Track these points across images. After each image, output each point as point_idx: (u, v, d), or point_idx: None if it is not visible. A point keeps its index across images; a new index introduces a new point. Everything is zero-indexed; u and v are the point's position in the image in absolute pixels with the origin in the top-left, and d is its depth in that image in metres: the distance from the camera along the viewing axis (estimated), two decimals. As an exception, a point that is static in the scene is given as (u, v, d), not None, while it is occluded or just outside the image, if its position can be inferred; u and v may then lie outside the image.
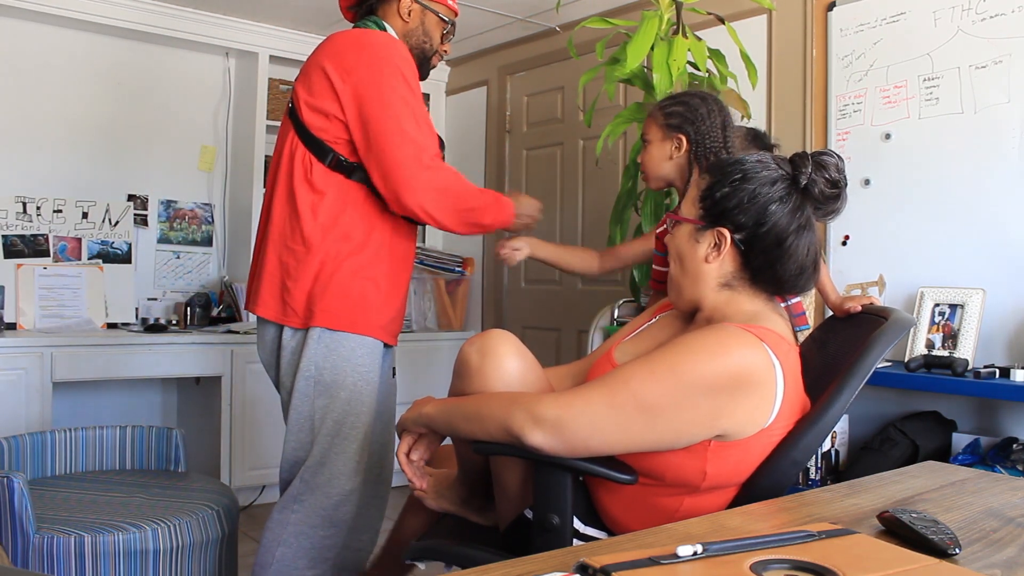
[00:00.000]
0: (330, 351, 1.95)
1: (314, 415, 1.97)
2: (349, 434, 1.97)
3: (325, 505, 1.95)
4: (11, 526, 2.02)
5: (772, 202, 1.32)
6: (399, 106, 1.90)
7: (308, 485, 1.95)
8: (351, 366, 1.97)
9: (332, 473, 1.96)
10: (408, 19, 2.09)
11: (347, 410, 1.96)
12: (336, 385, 1.96)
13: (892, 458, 2.53)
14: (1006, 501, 1.17)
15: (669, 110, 2.04)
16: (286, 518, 1.96)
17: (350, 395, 1.96)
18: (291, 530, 1.95)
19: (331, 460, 1.95)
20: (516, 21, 4.02)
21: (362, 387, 1.98)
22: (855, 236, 2.95)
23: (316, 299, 1.95)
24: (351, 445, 1.97)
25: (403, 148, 1.88)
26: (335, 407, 1.96)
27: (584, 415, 1.23)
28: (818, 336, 1.68)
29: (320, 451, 1.96)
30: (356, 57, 1.93)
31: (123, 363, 3.41)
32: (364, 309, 1.98)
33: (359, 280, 1.97)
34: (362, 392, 1.98)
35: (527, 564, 0.85)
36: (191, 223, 4.12)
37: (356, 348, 1.97)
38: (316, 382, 1.96)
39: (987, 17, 2.64)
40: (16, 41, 3.65)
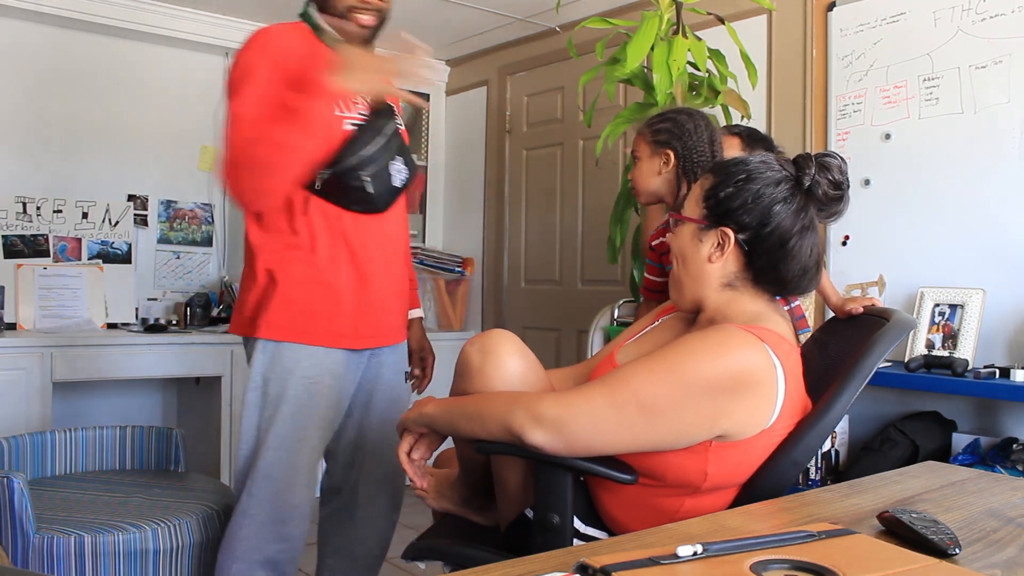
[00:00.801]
0: (275, 362, 1.90)
1: (260, 425, 1.91)
2: (294, 447, 1.90)
3: (273, 519, 1.90)
4: (11, 526, 2.02)
5: (776, 203, 1.33)
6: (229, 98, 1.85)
7: (254, 499, 1.90)
8: (295, 377, 1.89)
9: (278, 487, 1.90)
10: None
11: (292, 423, 1.90)
12: (282, 396, 1.89)
13: (892, 458, 2.53)
14: (1006, 501, 1.17)
15: (656, 127, 2.07)
16: (236, 532, 1.90)
17: (293, 408, 1.89)
18: (243, 545, 1.89)
19: (276, 474, 1.90)
20: (516, 21, 4.02)
21: (305, 399, 1.90)
22: (855, 236, 2.95)
23: (261, 309, 1.90)
24: (298, 459, 1.91)
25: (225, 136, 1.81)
26: (280, 420, 1.89)
27: (585, 415, 1.23)
28: (819, 337, 1.68)
29: (265, 464, 1.89)
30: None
31: (123, 363, 3.41)
32: (311, 317, 1.90)
33: (306, 287, 1.90)
34: (306, 404, 1.90)
35: (527, 564, 0.85)
36: (191, 223, 4.12)
37: (301, 359, 1.90)
38: (263, 393, 1.91)
39: (987, 17, 2.64)
40: (16, 41, 3.65)
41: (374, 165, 1.89)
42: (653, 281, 2.20)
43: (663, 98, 2.61)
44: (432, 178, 4.76)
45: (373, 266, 1.96)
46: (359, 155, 1.86)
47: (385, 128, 1.93)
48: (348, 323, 1.94)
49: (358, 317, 1.95)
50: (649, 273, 2.21)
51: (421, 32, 4.69)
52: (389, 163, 1.93)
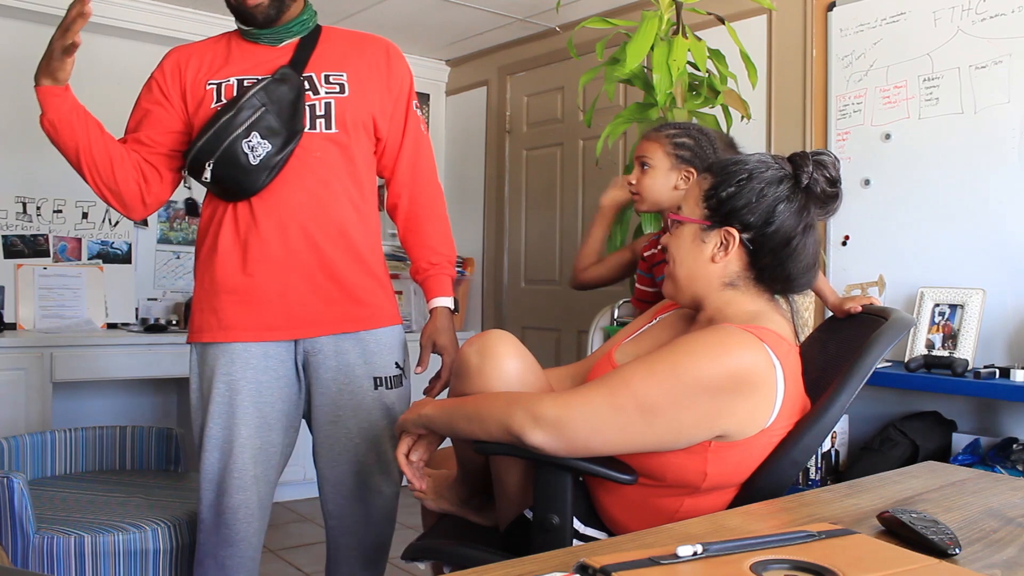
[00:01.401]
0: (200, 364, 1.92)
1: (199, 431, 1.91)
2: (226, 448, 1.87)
3: (218, 523, 1.88)
4: (11, 526, 2.02)
5: (780, 201, 1.33)
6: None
7: (203, 503, 1.90)
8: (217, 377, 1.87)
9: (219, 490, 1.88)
10: None
11: (220, 424, 1.87)
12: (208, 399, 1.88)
13: (892, 458, 2.53)
14: (1006, 501, 1.17)
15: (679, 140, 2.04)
16: (197, 538, 1.93)
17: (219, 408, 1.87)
18: (201, 550, 1.91)
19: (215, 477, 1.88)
20: (516, 21, 4.02)
21: (228, 398, 1.86)
22: (855, 236, 2.95)
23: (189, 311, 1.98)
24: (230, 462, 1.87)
25: None
26: (210, 423, 1.88)
27: (584, 415, 1.23)
28: (818, 336, 1.68)
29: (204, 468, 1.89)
30: None
31: (123, 363, 3.41)
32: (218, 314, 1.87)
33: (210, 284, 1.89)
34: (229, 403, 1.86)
35: (527, 564, 0.86)
36: (191, 223, 4.12)
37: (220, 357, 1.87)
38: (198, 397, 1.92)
39: (987, 17, 2.64)
40: (17, 41, 3.65)
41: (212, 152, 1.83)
42: (643, 291, 2.20)
43: (663, 98, 2.61)
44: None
45: (276, 251, 1.85)
46: (195, 145, 1.85)
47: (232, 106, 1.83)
48: (256, 315, 1.86)
49: (266, 308, 1.86)
50: (639, 283, 2.22)
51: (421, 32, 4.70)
52: (240, 142, 1.81)
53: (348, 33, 2.04)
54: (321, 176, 1.88)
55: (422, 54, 4.58)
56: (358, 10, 3.84)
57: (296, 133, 1.85)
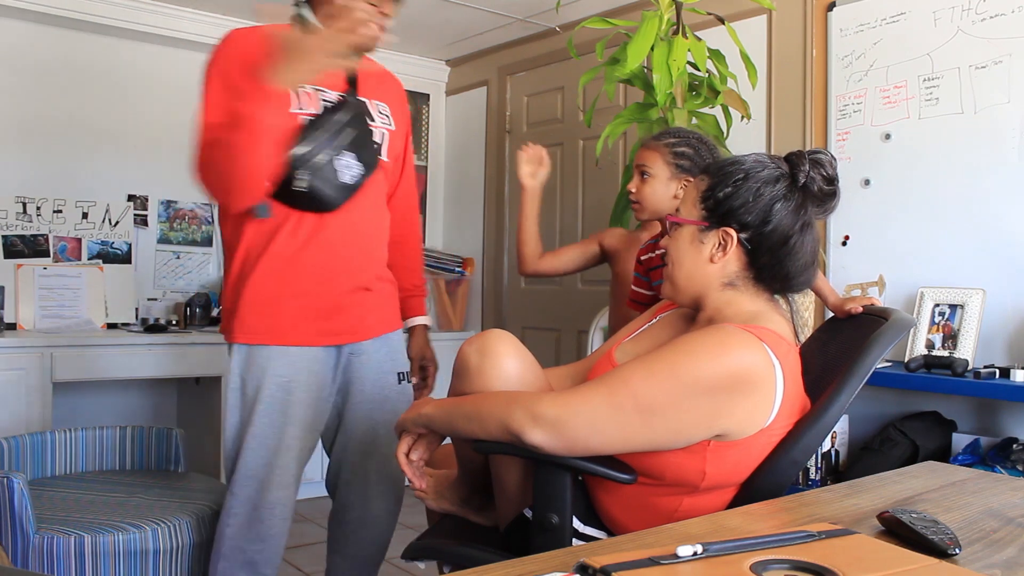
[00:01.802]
0: (249, 363, 1.91)
1: (240, 427, 1.93)
2: (272, 446, 1.91)
3: (253, 518, 1.92)
4: (11, 526, 2.02)
5: (776, 200, 1.33)
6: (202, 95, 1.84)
7: (237, 498, 1.92)
8: (269, 377, 1.90)
9: (258, 486, 1.91)
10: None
11: (268, 422, 1.91)
12: (257, 398, 1.90)
13: (892, 458, 2.53)
14: (1006, 501, 1.17)
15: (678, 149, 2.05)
16: (222, 532, 1.93)
17: (269, 408, 1.91)
18: (228, 544, 1.92)
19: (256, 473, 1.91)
20: (516, 21, 4.02)
21: (281, 398, 1.91)
22: (855, 236, 2.95)
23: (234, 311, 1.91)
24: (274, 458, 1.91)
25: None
26: (257, 420, 1.90)
27: (583, 414, 1.23)
28: (818, 336, 1.68)
29: (244, 464, 1.91)
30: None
31: (123, 363, 3.41)
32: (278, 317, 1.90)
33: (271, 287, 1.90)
34: (282, 403, 1.91)
35: (527, 564, 0.86)
36: (191, 223, 4.12)
37: (274, 358, 1.91)
38: (241, 395, 1.93)
39: (987, 17, 2.64)
40: (16, 41, 3.66)
41: (310, 163, 1.84)
42: (639, 293, 2.21)
43: (663, 98, 2.61)
44: (432, 178, 4.77)
45: (338, 263, 1.94)
46: (292, 154, 1.82)
47: (335, 121, 1.88)
48: (316, 321, 1.93)
49: (326, 314, 1.94)
50: (636, 285, 2.22)
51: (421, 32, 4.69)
52: (334, 159, 1.87)
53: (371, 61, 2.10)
54: (377, 198, 2.04)
55: (422, 54, 4.58)
56: (358, 10, 3.83)
57: (376, 160, 1.99)
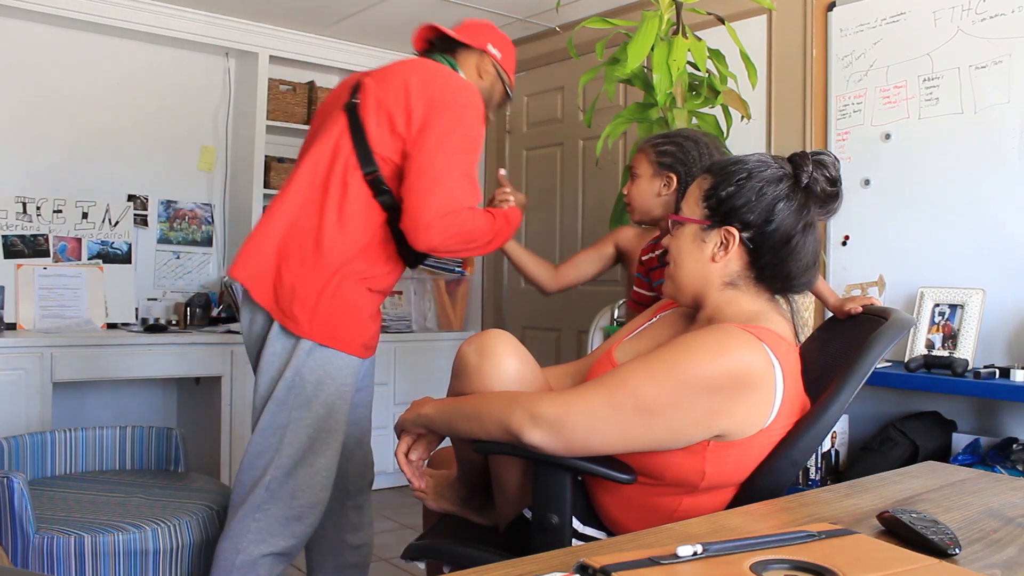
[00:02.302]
0: (317, 365, 1.94)
1: (288, 424, 1.94)
2: (320, 448, 1.96)
3: (288, 516, 1.94)
4: (11, 526, 2.02)
5: (779, 200, 1.33)
6: (457, 154, 1.90)
7: (273, 495, 1.93)
8: (334, 382, 1.96)
9: (298, 485, 1.94)
10: (482, 78, 2.13)
11: (321, 425, 1.95)
12: (315, 399, 1.94)
13: (892, 458, 2.53)
14: (1006, 501, 1.17)
15: (661, 148, 2.06)
16: (247, 526, 1.93)
17: (327, 411, 1.95)
18: (251, 538, 1.93)
19: (299, 472, 1.94)
20: (516, 21, 4.02)
21: (339, 404, 1.97)
22: (855, 236, 2.95)
23: (319, 313, 1.93)
24: (319, 459, 1.96)
25: (437, 193, 1.86)
26: (309, 420, 1.94)
27: (583, 414, 1.23)
28: (818, 336, 1.68)
29: (289, 462, 1.94)
30: (444, 92, 1.94)
31: (123, 363, 3.41)
32: (356, 327, 1.98)
33: (358, 299, 1.97)
34: (338, 409, 1.97)
35: (527, 564, 0.85)
36: (191, 223, 4.12)
37: (343, 366, 1.96)
38: (297, 393, 1.94)
39: (987, 17, 2.64)
40: (16, 41, 3.66)
41: None
42: (640, 294, 2.21)
43: (663, 98, 2.61)
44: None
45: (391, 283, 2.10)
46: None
47: None
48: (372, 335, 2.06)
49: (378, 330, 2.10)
50: (637, 286, 2.22)
51: (421, 32, 4.61)
52: None
53: None
54: None
55: (422, 54, 4.58)
56: (358, 10, 3.84)
57: None
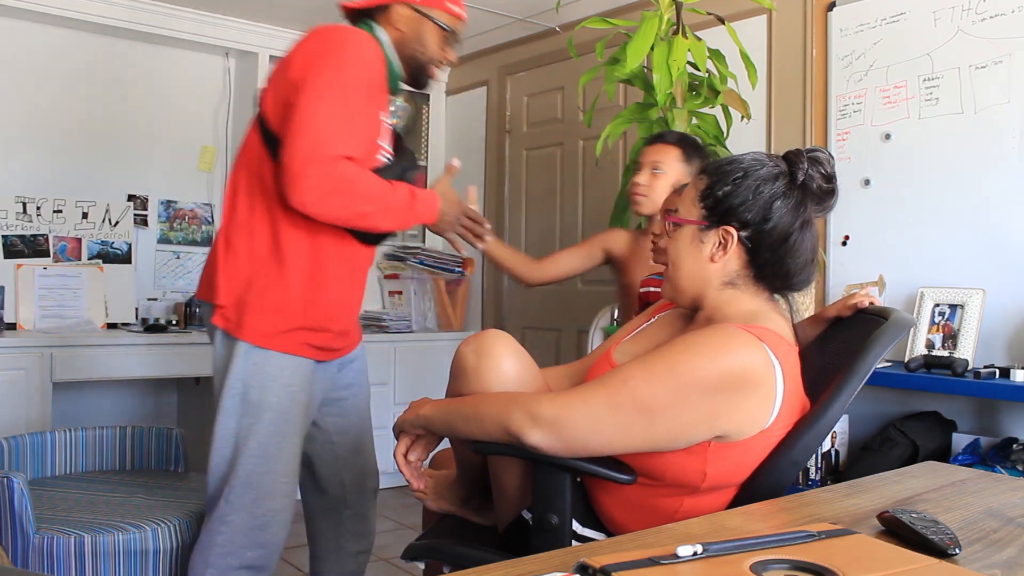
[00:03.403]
0: (258, 369, 1.87)
1: (239, 433, 1.88)
2: (276, 454, 1.89)
3: (252, 525, 1.88)
4: (11, 526, 2.02)
5: (776, 198, 1.33)
6: (327, 98, 1.73)
7: (233, 506, 1.87)
8: (277, 384, 1.88)
9: (259, 493, 1.88)
10: (402, 27, 1.95)
11: (274, 431, 1.88)
12: (262, 404, 1.87)
13: (892, 458, 2.52)
14: (1006, 501, 1.17)
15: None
16: (212, 539, 1.88)
17: (276, 415, 1.88)
18: (218, 551, 1.87)
19: (258, 480, 1.88)
20: (516, 21, 4.02)
21: (290, 406, 1.90)
22: (855, 236, 2.95)
23: (246, 309, 1.86)
24: (277, 465, 1.89)
25: (303, 137, 1.69)
26: (260, 427, 1.87)
27: (583, 415, 1.23)
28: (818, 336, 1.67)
29: (245, 471, 1.87)
30: (319, 43, 1.81)
31: (123, 363, 3.41)
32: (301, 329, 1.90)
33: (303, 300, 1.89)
34: (291, 411, 1.90)
35: (527, 564, 0.85)
36: (191, 223, 4.12)
37: (285, 367, 1.89)
38: (242, 399, 1.88)
39: (987, 17, 2.64)
40: (16, 41, 3.65)
41: None
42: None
43: (663, 98, 2.61)
44: (432, 178, 4.76)
45: (355, 288, 2.04)
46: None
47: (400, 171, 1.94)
48: (331, 339, 1.99)
49: (338, 333, 2.01)
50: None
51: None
52: None
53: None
54: None
55: (422, 54, 4.58)
56: (358, 10, 3.83)
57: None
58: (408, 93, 4.63)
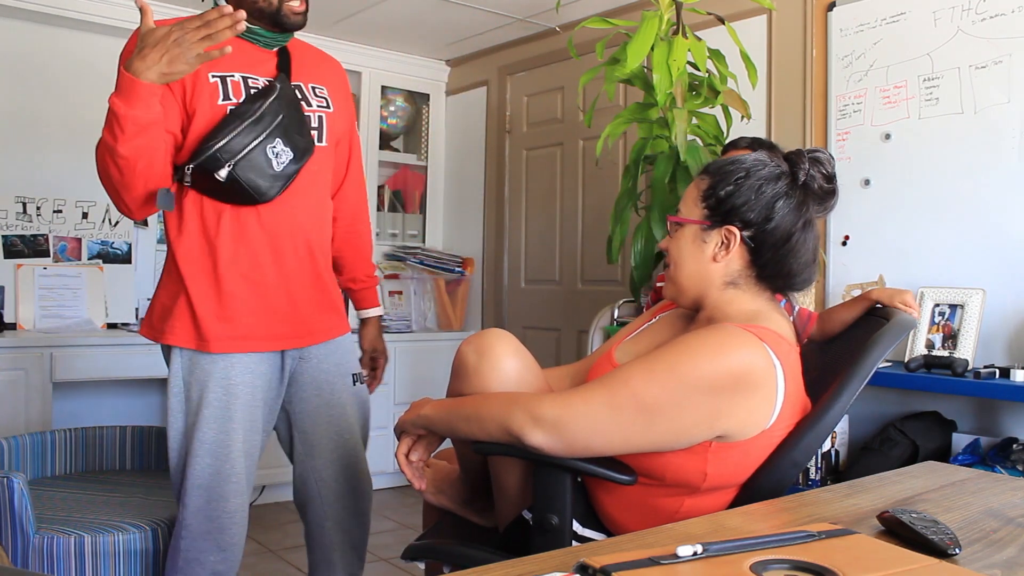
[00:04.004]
0: (192, 367, 1.83)
1: (186, 432, 1.85)
2: (223, 454, 1.84)
3: (210, 529, 1.84)
4: (11, 526, 2.02)
5: (778, 198, 1.33)
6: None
7: (189, 510, 1.84)
8: (214, 381, 1.83)
9: (212, 495, 1.84)
10: None
11: (216, 428, 1.83)
12: (201, 402, 1.83)
13: (892, 458, 2.53)
14: (1006, 501, 1.17)
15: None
16: (176, 545, 1.86)
17: (215, 412, 1.83)
18: (184, 556, 1.84)
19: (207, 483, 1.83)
20: (516, 21, 4.02)
21: (225, 402, 1.83)
22: (855, 236, 2.95)
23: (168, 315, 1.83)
24: (225, 465, 1.84)
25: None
26: (204, 426, 1.83)
27: (584, 415, 1.23)
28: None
29: (194, 473, 1.83)
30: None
31: (123, 363, 3.41)
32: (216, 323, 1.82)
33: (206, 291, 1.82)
34: (226, 408, 1.83)
35: (527, 564, 0.85)
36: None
37: (217, 362, 1.82)
38: (185, 399, 1.85)
39: (987, 17, 2.64)
40: (17, 42, 3.66)
41: (235, 153, 1.73)
42: None
43: (663, 98, 2.61)
44: (432, 178, 4.76)
45: (277, 260, 1.86)
46: (210, 145, 1.72)
47: (258, 109, 1.77)
48: (258, 326, 1.86)
49: (268, 317, 1.86)
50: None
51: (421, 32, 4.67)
52: (266, 147, 1.77)
53: (308, 46, 2.04)
54: (319, 189, 1.94)
55: (422, 54, 4.58)
56: (358, 10, 3.84)
57: (311, 144, 1.87)
58: (407, 93, 4.64)
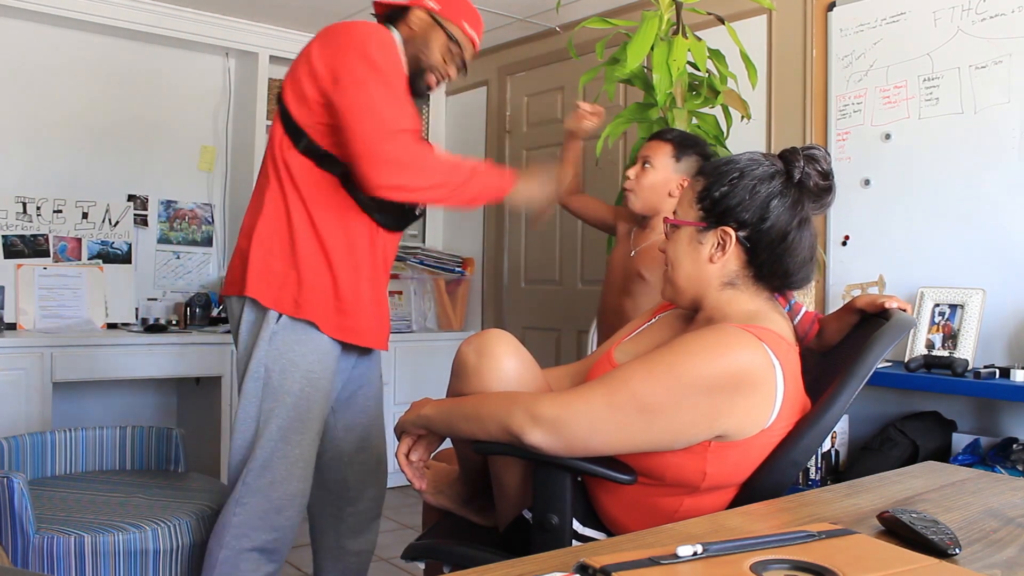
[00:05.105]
0: (280, 354, 1.94)
1: (259, 417, 1.95)
2: (294, 439, 1.95)
3: (267, 508, 1.93)
4: (11, 526, 2.02)
5: (773, 197, 1.33)
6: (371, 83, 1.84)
7: (250, 488, 1.93)
8: (298, 370, 1.95)
9: (275, 476, 1.94)
10: (414, 27, 2.05)
11: (292, 415, 1.94)
12: (283, 390, 1.94)
13: (892, 458, 2.53)
14: (1006, 501, 1.17)
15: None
16: (228, 521, 1.94)
17: (296, 400, 1.94)
18: (232, 532, 1.92)
19: (275, 464, 1.94)
20: (516, 21, 4.02)
21: (310, 392, 1.96)
22: (855, 236, 2.95)
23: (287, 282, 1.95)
24: (294, 450, 1.95)
25: (364, 122, 1.81)
26: (281, 411, 1.94)
27: (583, 415, 1.23)
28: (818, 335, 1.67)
29: (263, 455, 1.93)
30: (341, 37, 1.91)
31: (123, 363, 3.41)
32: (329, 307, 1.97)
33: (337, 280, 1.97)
34: (310, 397, 1.96)
35: (527, 564, 0.85)
36: (191, 223, 4.12)
37: (307, 353, 1.95)
38: (264, 384, 1.95)
39: (987, 17, 2.64)
40: (16, 41, 3.65)
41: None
42: None
43: (663, 98, 2.61)
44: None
45: (381, 275, 2.10)
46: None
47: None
48: (357, 321, 2.02)
49: (365, 318, 2.04)
50: None
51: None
52: None
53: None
54: None
55: (422, 54, 4.58)
56: (358, 10, 3.83)
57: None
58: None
